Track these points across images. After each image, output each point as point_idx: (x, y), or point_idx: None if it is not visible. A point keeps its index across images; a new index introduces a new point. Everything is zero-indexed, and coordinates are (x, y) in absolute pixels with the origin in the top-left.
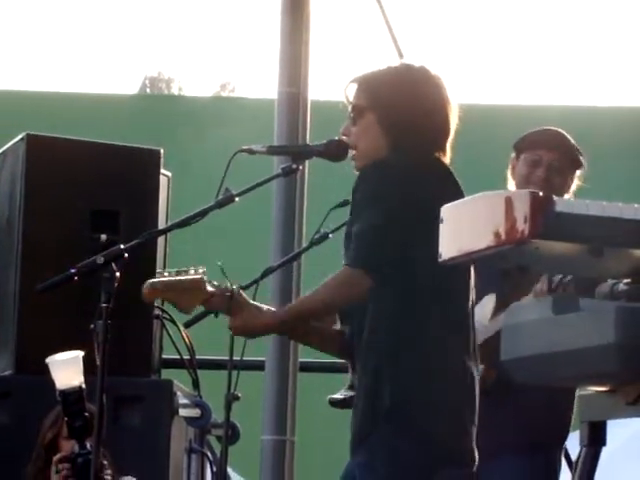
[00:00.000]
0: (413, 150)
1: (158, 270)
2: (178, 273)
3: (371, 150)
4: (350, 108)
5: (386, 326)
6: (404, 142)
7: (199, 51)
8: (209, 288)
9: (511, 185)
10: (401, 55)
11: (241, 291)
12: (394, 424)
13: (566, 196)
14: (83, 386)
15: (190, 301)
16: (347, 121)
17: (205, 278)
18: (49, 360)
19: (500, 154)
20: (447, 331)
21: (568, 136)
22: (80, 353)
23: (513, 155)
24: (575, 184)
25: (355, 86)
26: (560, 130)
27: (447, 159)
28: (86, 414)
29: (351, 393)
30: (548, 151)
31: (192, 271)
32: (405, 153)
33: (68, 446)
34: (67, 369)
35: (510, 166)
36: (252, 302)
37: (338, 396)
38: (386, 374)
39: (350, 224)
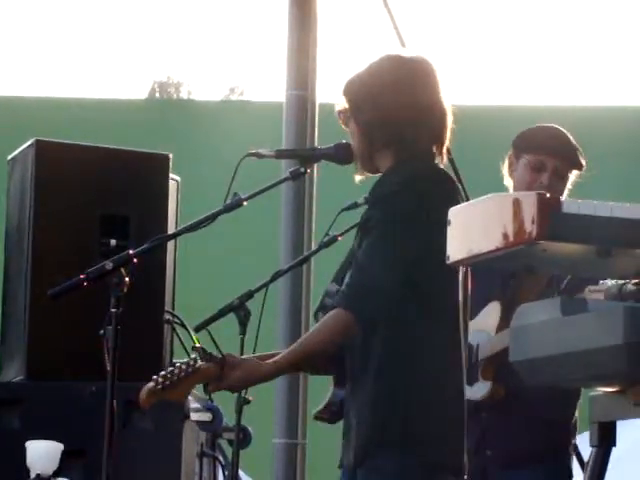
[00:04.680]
0: (407, 154)
1: (154, 376)
2: (172, 371)
3: (358, 155)
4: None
5: (387, 354)
6: (380, 145)
7: (208, 55)
8: (201, 365)
9: (507, 181)
10: None
11: (228, 354)
12: (398, 449)
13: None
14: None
15: (186, 390)
16: None
17: (198, 363)
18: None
19: (496, 157)
20: (449, 355)
21: (569, 135)
22: (60, 446)
23: (511, 152)
24: (571, 182)
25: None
26: (561, 129)
27: (439, 156)
28: None
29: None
30: (552, 156)
31: (187, 360)
32: (413, 171)
33: None
34: (47, 457)
35: (507, 162)
36: (244, 357)
37: (323, 414)
38: (388, 402)
39: (358, 244)
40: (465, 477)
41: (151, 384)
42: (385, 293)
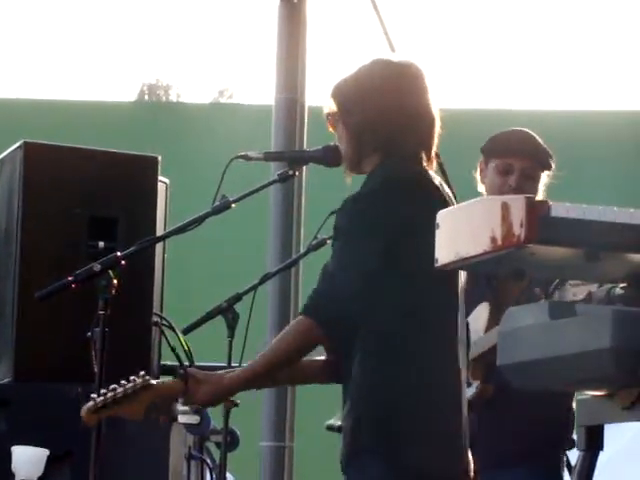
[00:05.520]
0: (393, 158)
1: (92, 395)
2: (116, 387)
3: (346, 157)
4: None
5: (372, 360)
6: (369, 148)
7: (197, 58)
8: (156, 382)
9: (480, 188)
10: None
11: (190, 369)
12: (382, 452)
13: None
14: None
15: (138, 408)
16: None
17: (149, 379)
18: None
19: None
20: (436, 358)
21: (537, 137)
22: (46, 452)
23: (481, 159)
24: (543, 183)
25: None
26: (528, 132)
27: (424, 161)
28: None
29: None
30: (519, 159)
31: (132, 378)
32: (391, 174)
33: None
34: (32, 463)
35: (478, 169)
36: (207, 373)
37: (333, 423)
38: (367, 404)
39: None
40: None
41: (90, 403)
42: (348, 297)
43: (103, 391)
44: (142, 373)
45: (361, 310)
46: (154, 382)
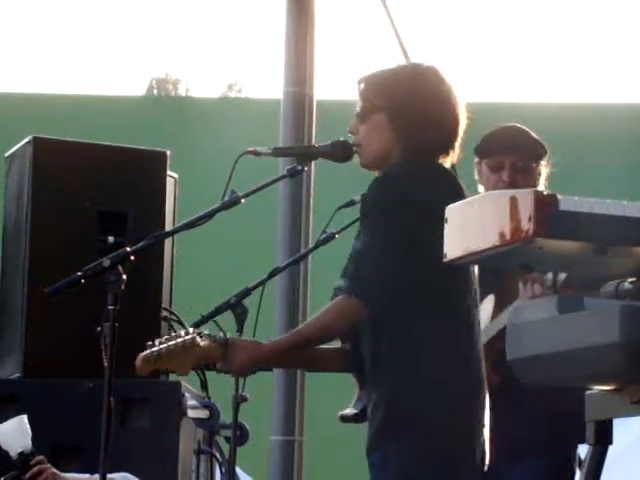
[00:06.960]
0: (422, 153)
1: (149, 343)
2: (169, 339)
3: (380, 150)
4: (360, 106)
5: (397, 345)
6: (414, 143)
7: (206, 52)
8: (202, 343)
9: (480, 189)
10: (406, 53)
11: (230, 337)
12: (409, 434)
13: (539, 187)
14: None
15: (185, 363)
16: (355, 119)
17: (197, 337)
18: None
19: None
20: (460, 345)
21: (526, 130)
22: (22, 417)
23: (476, 160)
24: (545, 172)
25: (366, 84)
26: (517, 126)
27: (452, 159)
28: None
29: (357, 409)
30: (508, 154)
31: (183, 332)
32: (413, 161)
33: None
34: (17, 433)
35: (476, 170)
36: (246, 339)
37: (349, 412)
38: (400, 391)
39: (358, 237)
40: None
41: (147, 352)
42: (385, 279)
43: (159, 340)
44: (192, 330)
45: (393, 294)
46: (202, 343)
